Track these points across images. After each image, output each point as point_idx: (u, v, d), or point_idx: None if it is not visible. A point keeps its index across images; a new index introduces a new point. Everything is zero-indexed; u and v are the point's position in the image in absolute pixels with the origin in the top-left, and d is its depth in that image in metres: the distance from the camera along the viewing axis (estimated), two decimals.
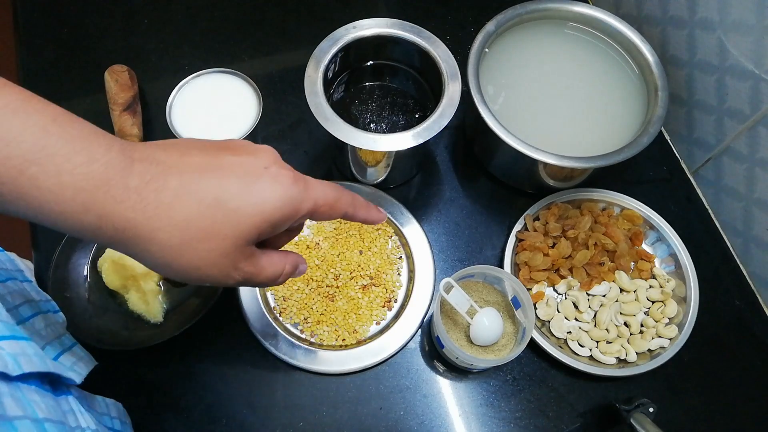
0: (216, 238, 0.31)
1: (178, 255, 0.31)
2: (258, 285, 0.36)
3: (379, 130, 0.61)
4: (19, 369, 0.33)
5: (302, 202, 0.33)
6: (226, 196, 0.31)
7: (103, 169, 0.28)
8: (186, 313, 0.54)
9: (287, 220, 0.33)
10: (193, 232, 0.30)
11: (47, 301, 0.49)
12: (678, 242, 0.60)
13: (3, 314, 0.39)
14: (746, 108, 0.58)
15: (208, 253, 0.31)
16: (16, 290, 0.45)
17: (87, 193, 0.28)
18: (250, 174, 0.32)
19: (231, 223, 0.31)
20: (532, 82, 0.63)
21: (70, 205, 0.28)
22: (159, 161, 0.30)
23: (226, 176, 0.31)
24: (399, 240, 0.62)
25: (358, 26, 0.57)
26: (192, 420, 0.54)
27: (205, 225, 0.30)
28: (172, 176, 0.30)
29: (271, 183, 0.32)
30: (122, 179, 0.29)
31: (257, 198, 0.31)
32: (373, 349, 0.56)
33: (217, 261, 0.32)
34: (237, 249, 0.32)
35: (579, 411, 0.56)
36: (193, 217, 0.30)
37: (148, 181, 0.29)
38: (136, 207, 0.29)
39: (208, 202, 0.30)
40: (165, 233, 0.30)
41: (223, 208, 0.31)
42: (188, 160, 0.31)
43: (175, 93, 0.57)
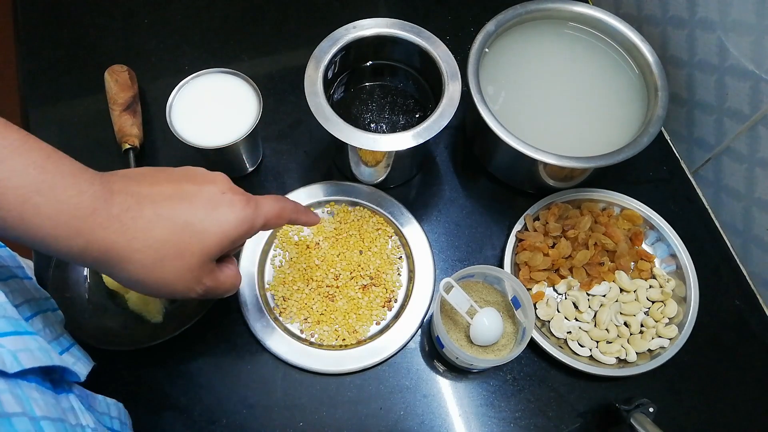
0: (185, 255, 0.37)
1: (151, 272, 0.36)
2: (215, 297, 0.42)
3: (379, 130, 0.61)
4: (18, 365, 0.33)
5: (255, 219, 0.40)
6: (194, 220, 0.37)
7: (90, 200, 0.33)
8: (186, 313, 0.54)
9: (244, 235, 0.40)
10: (166, 251, 0.36)
11: (46, 299, 0.49)
12: (678, 242, 0.60)
13: (9, 310, 0.39)
14: (746, 108, 0.58)
15: (177, 270, 0.37)
16: (18, 288, 0.45)
17: (78, 220, 0.33)
18: (211, 201, 0.38)
19: (198, 241, 0.37)
20: (532, 82, 0.63)
21: (63, 230, 0.33)
22: (133, 192, 0.36)
23: (193, 204, 0.37)
24: (399, 240, 0.62)
25: (358, 26, 0.57)
26: (192, 420, 0.54)
27: (176, 244, 0.36)
28: (146, 206, 0.36)
29: (230, 207, 0.38)
30: (105, 209, 0.34)
31: (219, 220, 0.38)
32: (373, 349, 0.56)
33: (184, 276, 0.37)
34: (202, 265, 0.38)
35: (579, 411, 0.56)
36: (166, 239, 0.36)
37: (127, 210, 0.35)
38: (118, 231, 0.34)
39: (179, 225, 0.36)
40: (141, 254, 0.35)
41: (190, 230, 0.37)
42: (158, 190, 0.37)
43: (175, 93, 0.57)
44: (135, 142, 0.62)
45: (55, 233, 0.33)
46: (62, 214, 0.33)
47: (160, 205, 0.36)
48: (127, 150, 0.61)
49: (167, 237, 0.36)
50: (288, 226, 0.62)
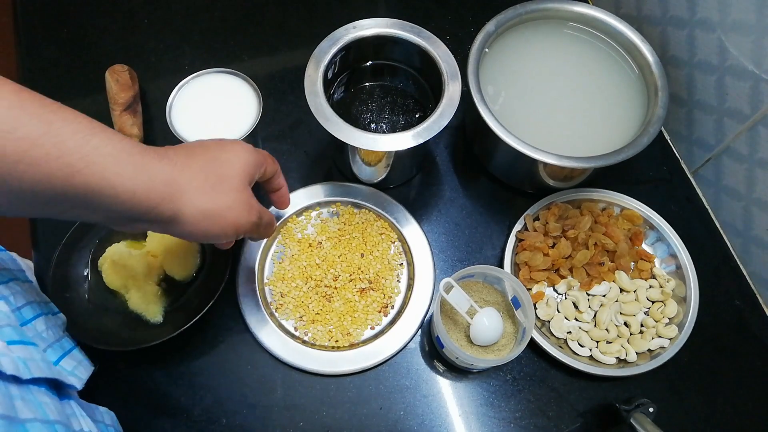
0: (227, 178, 0.42)
1: (211, 198, 0.40)
2: (262, 234, 0.48)
3: (379, 130, 0.61)
4: (29, 373, 0.34)
5: (264, 158, 0.47)
6: (218, 154, 0.42)
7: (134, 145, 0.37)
8: (186, 313, 0.54)
9: (258, 166, 0.45)
10: (211, 177, 0.41)
11: (47, 303, 0.49)
12: (678, 242, 0.60)
13: (12, 318, 0.39)
14: (746, 108, 0.58)
15: (230, 192, 0.42)
16: (19, 291, 0.45)
17: (136, 156, 0.36)
18: (226, 144, 0.44)
19: (228, 166, 0.42)
20: (532, 82, 0.63)
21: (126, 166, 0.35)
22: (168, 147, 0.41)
23: (214, 148, 0.43)
24: (402, 246, 0.61)
25: (358, 26, 0.57)
26: (192, 420, 0.54)
27: (215, 171, 0.41)
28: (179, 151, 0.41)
29: (242, 146, 0.45)
30: (152, 149, 0.38)
31: (237, 154, 0.44)
32: (365, 354, 0.56)
33: (238, 198, 0.42)
34: (244, 186, 0.43)
35: (579, 411, 0.56)
36: (206, 168, 0.41)
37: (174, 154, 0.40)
38: (171, 165, 0.38)
39: (209, 158, 0.42)
40: (195, 181, 0.40)
41: (218, 160, 0.42)
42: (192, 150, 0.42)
43: (175, 93, 0.57)
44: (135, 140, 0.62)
45: (119, 169, 0.35)
46: (121, 152, 0.35)
47: (191, 150, 0.42)
48: None
49: (205, 167, 0.41)
50: (293, 223, 0.62)
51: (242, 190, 0.43)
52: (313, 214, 0.63)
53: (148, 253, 0.56)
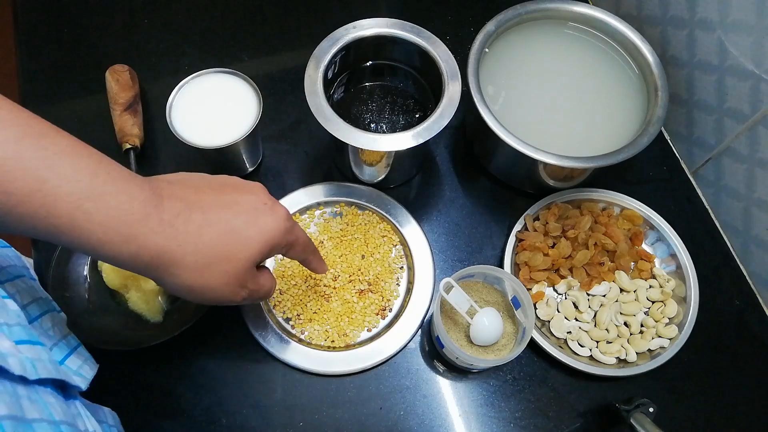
0: (232, 260, 0.38)
1: (200, 276, 0.37)
2: (256, 300, 0.44)
3: (379, 130, 0.61)
4: (36, 373, 0.34)
5: (291, 233, 0.42)
6: (240, 227, 0.38)
7: (141, 205, 0.34)
8: (186, 313, 0.54)
9: (282, 244, 0.41)
10: (214, 256, 0.37)
11: (50, 300, 0.49)
12: (678, 242, 0.60)
13: (22, 317, 0.39)
14: (746, 108, 0.58)
15: (224, 275, 0.38)
16: (25, 288, 0.45)
17: (129, 226, 0.33)
18: (255, 209, 0.39)
19: (245, 247, 0.38)
20: (532, 82, 0.63)
21: (114, 236, 0.33)
22: (181, 198, 0.37)
23: (237, 212, 0.38)
24: (403, 250, 0.61)
25: (358, 26, 0.57)
26: (192, 420, 0.54)
27: (224, 250, 0.37)
28: (195, 211, 0.37)
29: (271, 216, 0.40)
30: (157, 214, 0.35)
31: (262, 228, 0.39)
32: (361, 355, 0.56)
33: (230, 281, 0.39)
34: (246, 270, 0.39)
35: (579, 411, 0.56)
36: (214, 244, 0.37)
37: (177, 215, 0.36)
38: (170, 236, 0.35)
39: (226, 232, 0.37)
40: (192, 257, 0.36)
41: (237, 236, 0.38)
42: (204, 198, 0.38)
43: (175, 93, 0.57)
44: (136, 142, 0.62)
45: (107, 239, 0.33)
46: (113, 219, 0.33)
47: (208, 211, 0.37)
48: (128, 150, 0.61)
49: (215, 242, 0.37)
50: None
51: (241, 273, 0.39)
52: (317, 213, 0.63)
53: None
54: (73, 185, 0.32)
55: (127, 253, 0.34)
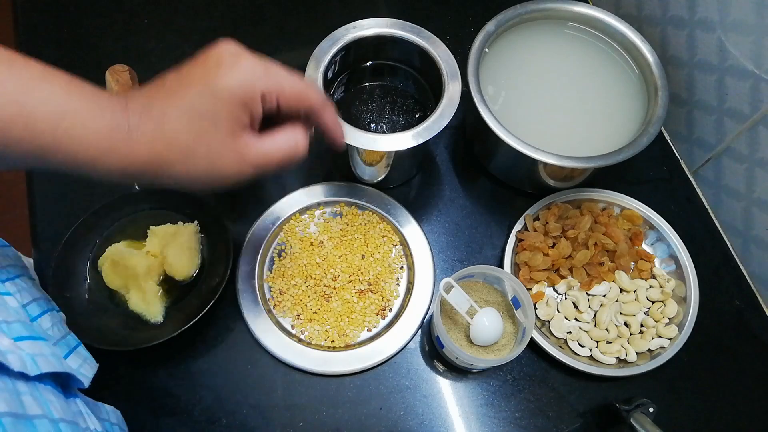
0: (205, 139, 0.35)
1: (188, 167, 0.36)
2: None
3: (379, 130, 0.61)
4: (37, 369, 0.34)
5: (264, 84, 0.36)
6: (195, 102, 0.35)
7: (111, 115, 0.34)
8: (186, 313, 0.54)
9: (256, 94, 0.36)
10: (185, 142, 0.35)
11: (49, 300, 0.49)
12: (678, 242, 0.60)
13: (21, 314, 0.39)
14: (746, 108, 0.58)
15: (208, 156, 0.36)
16: (25, 288, 0.45)
17: (105, 137, 0.33)
18: (208, 75, 0.35)
19: (210, 122, 0.35)
20: (532, 82, 0.63)
21: (96, 151, 0.33)
22: (144, 95, 0.36)
23: (190, 85, 0.35)
24: (403, 250, 0.61)
25: (358, 26, 0.57)
26: (192, 420, 0.54)
27: (190, 131, 0.35)
28: (153, 105, 0.35)
29: (228, 75, 0.35)
30: (125, 121, 0.34)
31: (219, 92, 0.35)
32: (360, 356, 0.56)
33: (225, 156, 0.36)
34: (231, 142, 0.36)
35: (579, 411, 0.56)
36: (179, 129, 0.35)
37: (140, 116, 0.34)
38: (140, 140, 0.34)
39: (184, 113, 0.35)
40: (167, 153, 0.35)
41: (197, 113, 0.35)
42: (165, 85, 0.36)
43: None
44: None
45: (92, 154, 0.33)
46: (92, 134, 0.33)
47: (164, 100, 0.35)
48: None
49: (178, 127, 0.35)
50: (296, 221, 0.62)
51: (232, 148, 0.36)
52: (317, 213, 0.63)
53: (148, 253, 0.56)
54: (49, 106, 0.32)
55: (117, 166, 0.34)
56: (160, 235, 0.57)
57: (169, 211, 0.60)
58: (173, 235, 0.57)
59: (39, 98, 0.32)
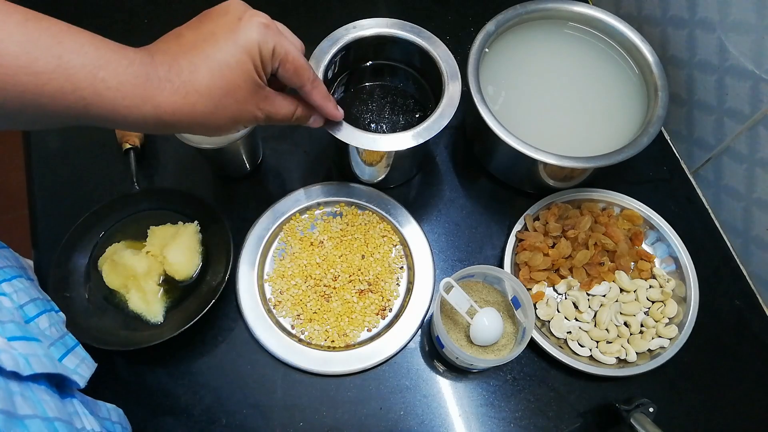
0: (235, 91, 0.39)
1: (216, 116, 0.39)
2: (279, 121, 0.44)
3: (379, 130, 0.61)
4: (30, 369, 0.34)
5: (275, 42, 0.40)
6: (224, 57, 0.38)
7: (140, 67, 0.35)
8: (186, 314, 0.54)
9: (269, 50, 0.40)
10: (218, 95, 0.38)
11: (48, 300, 0.49)
12: (678, 242, 0.60)
13: (16, 314, 0.39)
14: (746, 108, 0.58)
15: (235, 106, 0.40)
16: (22, 288, 0.45)
17: (140, 87, 0.35)
18: (231, 31, 0.39)
19: (238, 73, 0.39)
20: (532, 82, 0.63)
21: (133, 99, 0.35)
22: (166, 50, 0.38)
23: (217, 41, 0.38)
24: (403, 250, 0.61)
25: (358, 26, 0.57)
26: (192, 420, 0.54)
27: (222, 85, 0.38)
28: (180, 59, 0.37)
29: (248, 29, 0.39)
30: (154, 72, 0.36)
31: (244, 45, 0.39)
32: (361, 355, 0.56)
33: (243, 108, 0.40)
34: (253, 92, 0.40)
35: (579, 411, 0.56)
36: (212, 84, 0.38)
37: (169, 69, 0.37)
38: (173, 91, 0.36)
39: (215, 67, 0.38)
40: (200, 105, 0.38)
41: (227, 67, 0.38)
42: (184, 42, 0.38)
43: None
44: (136, 142, 0.62)
45: (128, 103, 0.35)
46: (126, 84, 0.34)
47: (190, 54, 0.38)
48: (128, 150, 0.61)
49: (212, 82, 0.38)
50: (296, 221, 0.62)
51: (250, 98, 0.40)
52: (317, 213, 0.63)
53: (148, 253, 0.56)
54: (83, 57, 0.33)
55: (151, 116, 0.36)
56: (160, 235, 0.57)
57: (169, 211, 0.60)
58: (173, 235, 0.57)
59: (73, 50, 0.33)
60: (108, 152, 0.65)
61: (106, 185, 0.64)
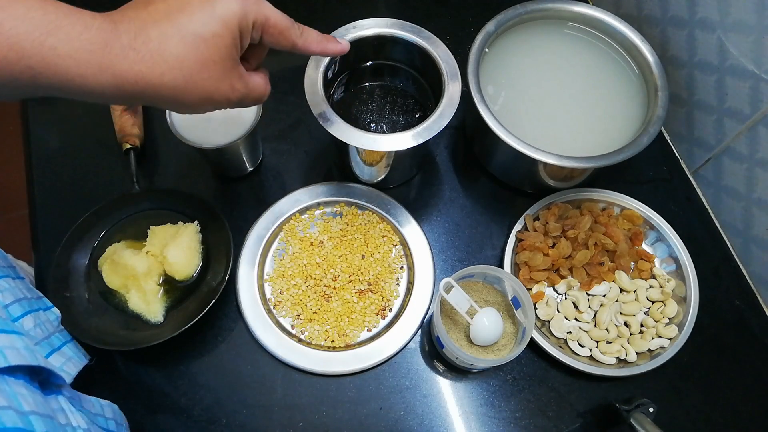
0: (208, 65, 0.36)
1: (185, 90, 0.36)
2: (252, 102, 0.42)
3: (379, 130, 0.61)
4: (5, 361, 0.34)
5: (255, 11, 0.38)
6: (199, 29, 0.35)
7: (98, 32, 0.33)
8: (186, 313, 0.54)
9: (249, 22, 0.38)
10: (189, 67, 0.35)
11: (38, 299, 0.49)
12: (678, 242, 0.60)
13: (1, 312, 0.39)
14: (746, 108, 0.58)
15: (209, 81, 0.37)
16: (8, 288, 0.45)
17: (96, 55, 0.32)
18: (207, 1, 0.36)
19: (213, 47, 0.36)
20: (532, 82, 0.63)
21: (87, 67, 0.32)
22: (132, 17, 0.35)
23: (192, 12, 0.36)
24: (403, 250, 0.61)
25: (358, 26, 0.57)
26: (191, 420, 0.54)
27: (195, 57, 0.35)
28: (150, 27, 0.34)
29: (226, 1, 0.36)
30: (116, 39, 0.33)
31: (221, 16, 0.36)
32: (360, 355, 0.56)
33: (216, 85, 0.37)
34: (228, 69, 0.38)
35: (579, 411, 0.56)
36: (183, 55, 0.35)
37: (135, 36, 0.34)
38: (137, 60, 0.34)
39: (188, 38, 0.35)
40: (169, 76, 0.35)
41: (200, 39, 0.35)
42: (154, 9, 0.35)
43: None
44: (136, 142, 0.62)
45: (82, 71, 0.32)
46: (80, 51, 0.32)
47: (161, 23, 0.35)
48: (128, 150, 0.61)
49: (183, 53, 0.35)
50: (296, 221, 0.62)
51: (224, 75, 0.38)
52: (317, 213, 0.63)
53: (148, 253, 0.56)
54: (29, 23, 0.31)
55: (110, 85, 0.34)
56: (160, 235, 0.57)
57: (169, 211, 0.60)
58: (173, 235, 0.57)
59: (17, 16, 0.31)
60: (108, 152, 0.65)
61: (106, 185, 0.64)
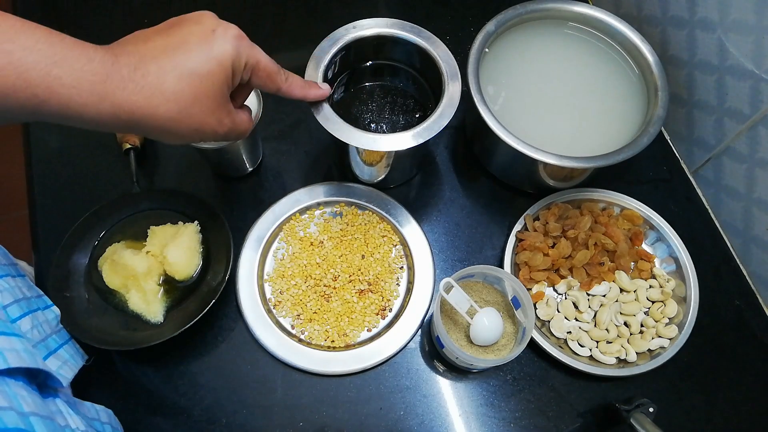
0: (202, 100, 0.39)
1: (178, 123, 0.38)
2: (235, 137, 0.45)
3: (379, 130, 0.61)
4: (5, 363, 0.34)
5: (248, 54, 0.41)
6: (196, 66, 0.38)
7: (100, 65, 0.35)
8: (186, 314, 0.54)
9: (242, 63, 0.41)
10: (184, 101, 0.38)
11: (38, 297, 0.49)
12: (678, 242, 0.60)
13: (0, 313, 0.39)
14: (746, 108, 0.58)
15: (199, 115, 0.39)
16: (7, 288, 0.45)
17: (98, 85, 0.34)
18: (205, 41, 0.39)
19: (208, 84, 0.39)
20: (532, 82, 0.63)
21: (89, 97, 0.34)
22: (132, 52, 0.37)
23: (189, 50, 0.38)
24: (403, 250, 0.61)
25: (358, 26, 0.57)
26: (192, 420, 0.54)
27: (190, 92, 0.38)
28: (149, 62, 0.37)
29: (223, 40, 0.40)
30: (116, 71, 0.35)
31: (217, 56, 0.39)
32: (361, 355, 0.56)
33: (207, 119, 0.40)
34: (219, 105, 0.40)
35: (579, 411, 0.56)
36: (179, 90, 0.37)
37: (134, 69, 0.36)
38: (135, 91, 0.36)
39: (185, 74, 0.38)
40: (164, 108, 0.37)
41: (197, 76, 0.38)
42: (152, 45, 0.38)
43: None
44: (136, 142, 0.62)
45: (83, 101, 0.34)
46: (82, 81, 0.34)
47: (160, 59, 0.37)
48: (128, 150, 0.61)
49: (179, 88, 0.37)
50: (296, 221, 0.62)
51: (215, 110, 0.40)
52: (317, 213, 0.63)
53: (148, 253, 0.56)
54: (37, 54, 0.33)
55: (108, 114, 0.35)
56: (160, 235, 0.57)
57: (169, 211, 0.60)
58: (173, 235, 0.57)
59: (25, 47, 0.33)
60: (108, 152, 0.65)
61: (106, 185, 0.64)
